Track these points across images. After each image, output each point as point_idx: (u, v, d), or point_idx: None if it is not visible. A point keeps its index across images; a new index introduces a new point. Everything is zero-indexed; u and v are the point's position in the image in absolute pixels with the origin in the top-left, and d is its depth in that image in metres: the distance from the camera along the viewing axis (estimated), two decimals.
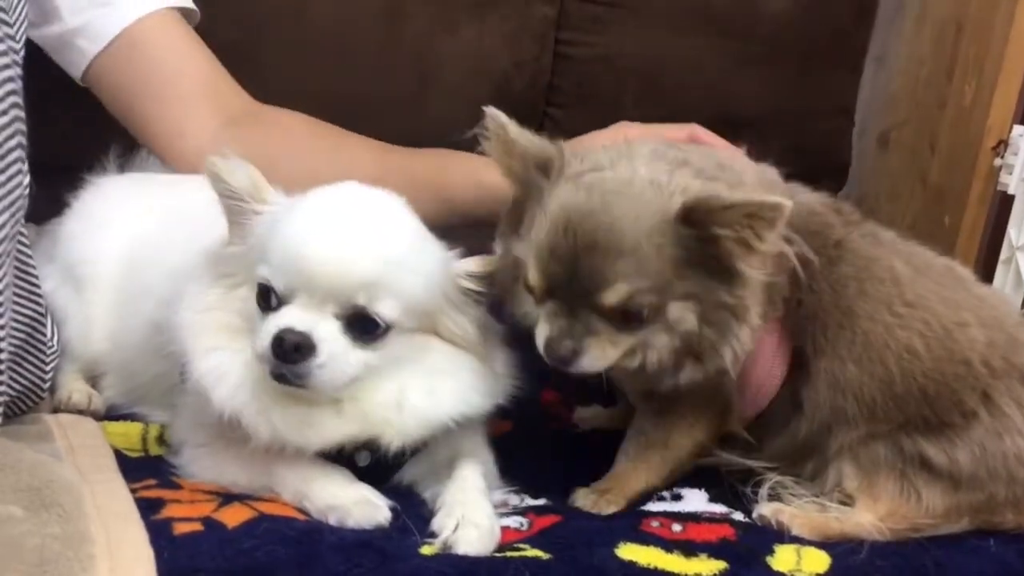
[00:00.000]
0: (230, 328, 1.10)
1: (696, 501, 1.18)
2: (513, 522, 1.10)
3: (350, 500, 1.05)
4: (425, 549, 1.00)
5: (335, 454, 1.10)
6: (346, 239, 1.05)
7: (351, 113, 1.72)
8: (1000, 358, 1.14)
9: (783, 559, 1.05)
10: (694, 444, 1.19)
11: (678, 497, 1.18)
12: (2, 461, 0.95)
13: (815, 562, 1.05)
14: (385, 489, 1.10)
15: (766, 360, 1.15)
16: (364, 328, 1.05)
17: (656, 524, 1.11)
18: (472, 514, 1.04)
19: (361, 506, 1.05)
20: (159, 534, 0.94)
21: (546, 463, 1.26)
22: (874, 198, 2.14)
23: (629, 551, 1.02)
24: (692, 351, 1.06)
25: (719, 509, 1.17)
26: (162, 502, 1.03)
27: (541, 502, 1.17)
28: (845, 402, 1.14)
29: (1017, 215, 1.70)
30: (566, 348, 1.04)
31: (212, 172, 1.10)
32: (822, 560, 1.06)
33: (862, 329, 1.13)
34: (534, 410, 1.34)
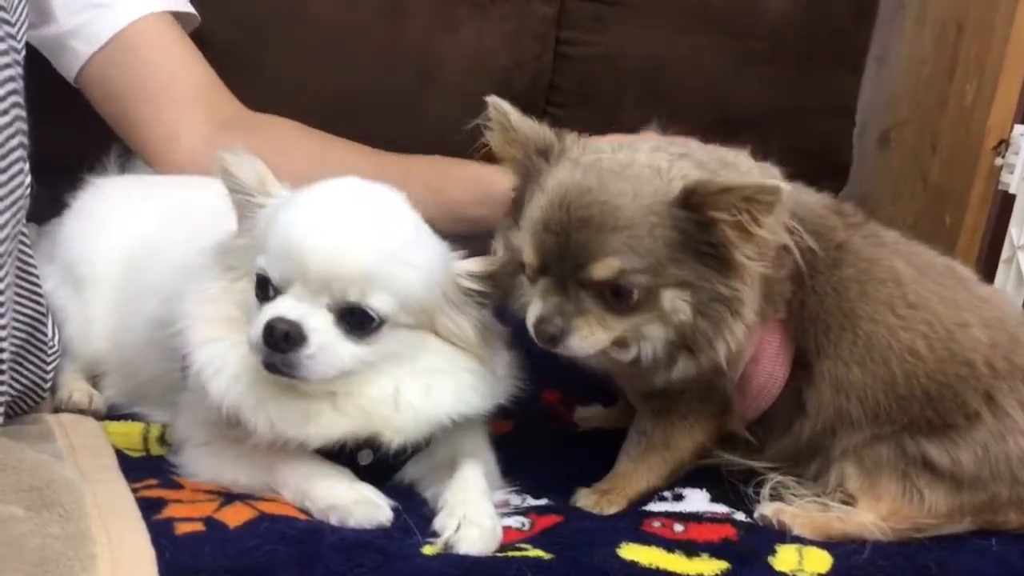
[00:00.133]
0: (230, 320, 1.10)
1: (698, 501, 1.18)
2: (515, 522, 1.10)
3: (351, 500, 1.05)
4: (427, 549, 1.00)
5: (337, 453, 1.10)
6: (341, 231, 1.05)
7: (351, 113, 1.72)
8: (1003, 359, 1.14)
9: (785, 559, 1.05)
10: (695, 445, 1.19)
11: (679, 497, 1.18)
12: (3, 461, 0.95)
13: (817, 562, 1.05)
14: (386, 489, 1.10)
15: (768, 362, 1.15)
16: (357, 321, 1.05)
17: (658, 524, 1.11)
18: (474, 514, 1.04)
19: (362, 506, 1.05)
20: (160, 534, 0.94)
21: (547, 463, 1.26)
22: (875, 198, 2.13)
23: (631, 551, 1.02)
24: (686, 344, 1.06)
25: (721, 509, 1.16)
26: (163, 502, 1.03)
27: (542, 502, 1.17)
28: (848, 404, 1.14)
29: (1018, 214, 1.70)
30: (554, 326, 1.03)
31: (221, 167, 1.11)
32: (824, 560, 1.06)
33: (864, 331, 1.13)
34: (535, 410, 1.34)
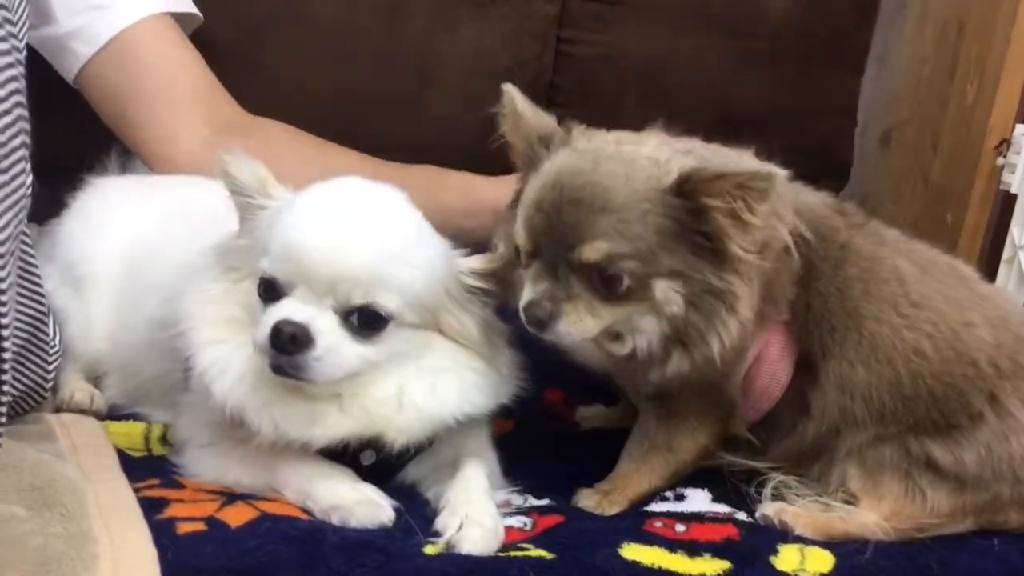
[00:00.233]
0: (233, 321, 1.10)
1: (699, 501, 1.17)
2: (517, 522, 1.10)
3: (353, 500, 1.05)
4: (429, 549, 1.00)
5: (339, 453, 1.09)
6: (345, 231, 1.05)
7: (351, 113, 1.72)
8: (1007, 358, 1.13)
9: (787, 559, 1.05)
10: (698, 447, 1.19)
11: (681, 497, 1.18)
12: (5, 461, 0.95)
13: (819, 562, 1.05)
14: (388, 489, 1.10)
15: (771, 364, 1.15)
16: (363, 322, 1.05)
17: (659, 524, 1.11)
18: (476, 514, 1.04)
19: (364, 506, 1.05)
20: (162, 534, 0.94)
21: (549, 463, 1.26)
22: (876, 198, 2.13)
23: (633, 551, 1.02)
24: (679, 338, 1.06)
25: (722, 509, 1.16)
26: (165, 502, 1.03)
27: (544, 502, 1.17)
28: (853, 404, 1.14)
29: (1020, 214, 1.70)
30: (543, 310, 1.03)
31: (223, 168, 1.11)
32: (826, 560, 1.06)
33: (869, 331, 1.13)
34: (537, 409, 1.34)
